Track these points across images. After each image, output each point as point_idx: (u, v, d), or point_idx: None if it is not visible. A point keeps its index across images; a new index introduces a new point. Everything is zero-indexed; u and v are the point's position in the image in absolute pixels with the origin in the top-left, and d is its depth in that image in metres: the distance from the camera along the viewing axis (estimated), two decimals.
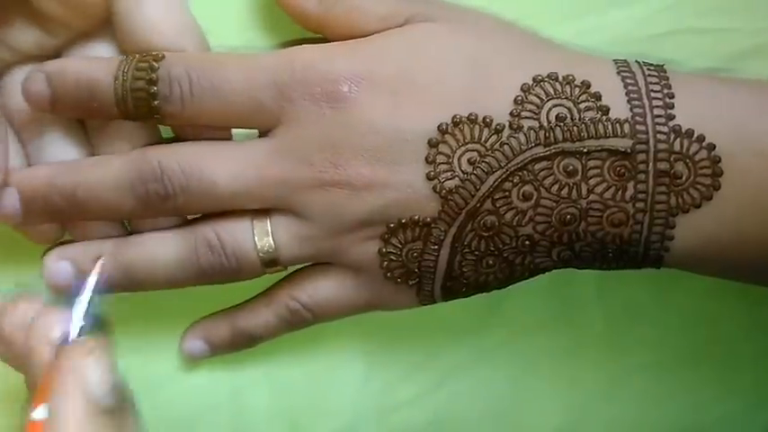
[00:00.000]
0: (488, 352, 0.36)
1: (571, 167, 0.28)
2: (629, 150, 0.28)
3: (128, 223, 0.32)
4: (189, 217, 0.31)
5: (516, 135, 0.28)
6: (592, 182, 0.28)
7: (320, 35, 0.31)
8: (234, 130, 0.31)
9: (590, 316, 0.36)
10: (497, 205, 0.28)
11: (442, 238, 0.29)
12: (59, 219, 0.31)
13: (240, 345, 0.33)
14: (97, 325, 0.28)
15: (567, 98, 0.28)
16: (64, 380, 0.26)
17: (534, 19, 0.31)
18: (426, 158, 0.28)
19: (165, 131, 0.31)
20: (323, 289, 0.31)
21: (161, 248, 0.30)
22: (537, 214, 0.28)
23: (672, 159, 0.28)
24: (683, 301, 0.36)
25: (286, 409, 0.35)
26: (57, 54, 0.31)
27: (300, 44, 0.30)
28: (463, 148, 0.28)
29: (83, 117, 0.31)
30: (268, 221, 0.29)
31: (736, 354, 0.37)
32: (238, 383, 0.35)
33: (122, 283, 0.30)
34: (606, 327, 0.36)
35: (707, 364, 0.37)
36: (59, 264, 0.31)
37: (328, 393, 0.35)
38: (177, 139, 0.31)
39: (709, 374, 0.37)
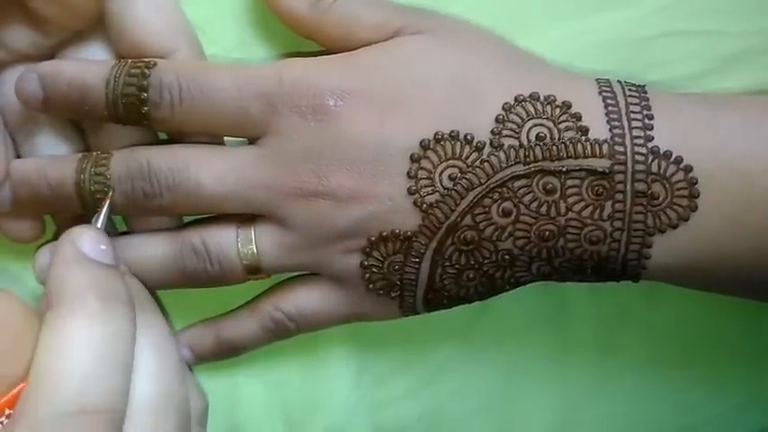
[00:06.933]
0: (479, 349, 0.36)
1: (550, 186, 0.28)
2: (607, 170, 0.28)
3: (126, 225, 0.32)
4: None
5: (497, 153, 0.28)
6: (570, 200, 0.28)
7: (311, 41, 0.31)
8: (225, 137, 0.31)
9: (582, 314, 0.36)
10: (477, 220, 0.29)
11: (422, 251, 0.29)
12: (46, 210, 0.32)
13: (224, 354, 0.33)
14: None
15: (547, 118, 0.28)
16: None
17: (523, 21, 0.31)
18: (408, 173, 0.29)
19: (163, 134, 0.32)
20: (306, 300, 0.31)
21: (148, 249, 0.31)
22: (516, 230, 0.29)
23: (649, 180, 0.28)
24: (675, 301, 0.36)
25: (281, 404, 0.36)
26: (52, 53, 0.31)
27: (294, 56, 0.31)
28: (444, 164, 0.28)
29: (74, 118, 0.31)
30: (252, 229, 0.30)
31: (727, 354, 0.37)
32: (233, 379, 0.35)
33: None
34: (598, 325, 0.36)
35: (698, 364, 0.37)
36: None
37: (322, 389, 0.36)
38: (172, 142, 0.31)
39: (700, 374, 0.37)
